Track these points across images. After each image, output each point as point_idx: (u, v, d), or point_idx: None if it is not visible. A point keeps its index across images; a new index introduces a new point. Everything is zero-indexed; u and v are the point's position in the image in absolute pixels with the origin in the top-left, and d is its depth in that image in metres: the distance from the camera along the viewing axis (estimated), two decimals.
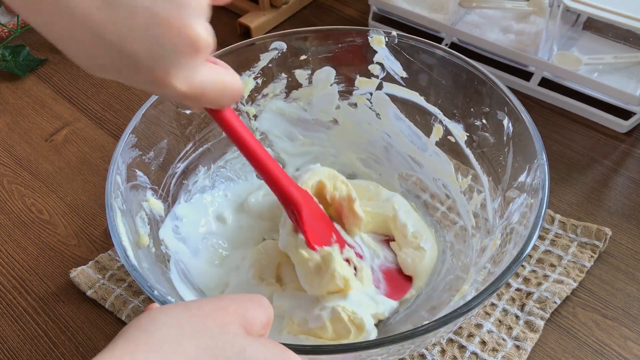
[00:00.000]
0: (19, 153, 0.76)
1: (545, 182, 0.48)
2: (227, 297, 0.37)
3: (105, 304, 0.60)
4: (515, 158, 0.54)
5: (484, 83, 0.57)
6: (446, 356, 0.54)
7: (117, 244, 0.47)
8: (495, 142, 0.57)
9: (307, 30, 0.63)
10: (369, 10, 0.90)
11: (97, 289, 0.61)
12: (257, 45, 0.62)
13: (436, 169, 0.63)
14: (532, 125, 0.52)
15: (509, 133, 0.55)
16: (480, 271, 0.52)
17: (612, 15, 0.68)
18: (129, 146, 0.54)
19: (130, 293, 0.60)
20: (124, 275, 0.62)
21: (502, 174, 0.56)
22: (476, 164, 0.60)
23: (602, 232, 0.62)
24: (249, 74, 0.63)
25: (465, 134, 0.60)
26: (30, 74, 0.87)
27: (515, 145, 0.54)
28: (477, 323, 0.56)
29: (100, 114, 0.81)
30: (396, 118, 0.64)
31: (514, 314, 0.57)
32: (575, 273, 0.59)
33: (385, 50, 0.62)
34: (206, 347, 0.33)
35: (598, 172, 0.70)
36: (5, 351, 0.58)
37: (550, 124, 0.75)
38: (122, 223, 0.50)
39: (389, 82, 0.64)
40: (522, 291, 0.58)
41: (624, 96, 0.72)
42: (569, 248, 0.61)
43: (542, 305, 0.57)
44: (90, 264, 0.63)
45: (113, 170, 0.51)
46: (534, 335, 0.55)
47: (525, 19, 0.80)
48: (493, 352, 0.54)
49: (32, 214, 0.69)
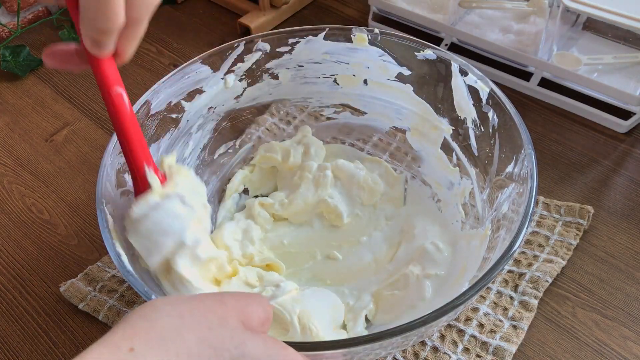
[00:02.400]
0: (19, 153, 0.76)
1: (534, 171, 0.48)
2: (227, 293, 0.37)
3: (99, 316, 0.59)
4: (501, 149, 0.55)
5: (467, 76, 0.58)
6: (446, 341, 0.55)
7: (110, 250, 0.47)
8: (480, 134, 0.58)
9: (292, 30, 0.64)
10: (368, 11, 0.90)
11: (88, 301, 0.60)
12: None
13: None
14: (517, 116, 0.53)
15: (494, 125, 0.56)
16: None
17: (612, 15, 0.68)
18: (118, 151, 0.53)
19: (123, 303, 0.60)
20: (116, 285, 0.61)
21: (489, 165, 0.57)
22: (462, 156, 0.60)
23: (585, 210, 0.63)
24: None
25: (451, 127, 0.61)
26: (31, 74, 0.87)
27: (501, 137, 0.55)
28: (473, 307, 0.57)
29: (100, 114, 0.81)
30: None
31: (509, 295, 0.58)
32: (563, 252, 0.61)
33: (371, 47, 0.62)
34: (206, 339, 0.33)
35: (598, 172, 0.70)
36: (5, 351, 0.58)
37: (550, 124, 0.75)
38: (115, 229, 0.49)
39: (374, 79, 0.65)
40: (514, 273, 0.60)
41: (623, 96, 0.72)
42: (555, 228, 0.63)
43: (534, 285, 0.58)
44: (80, 276, 0.62)
45: (102, 177, 0.51)
46: (529, 314, 0.56)
47: (525, 19, 0.80)
48: (491, 334, 0.55)
49: (32, 214, 0.69)
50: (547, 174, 0.69)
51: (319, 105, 0.69)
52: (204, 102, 0.63)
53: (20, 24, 0.92)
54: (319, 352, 0.41)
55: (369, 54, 0.63)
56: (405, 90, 0.63)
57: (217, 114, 0.65)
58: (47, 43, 0.90)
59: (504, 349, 0.54)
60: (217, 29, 0.93)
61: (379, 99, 0.66)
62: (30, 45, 0.89)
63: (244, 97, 0.66)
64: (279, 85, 0.66)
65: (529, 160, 0.49)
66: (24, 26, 0.93)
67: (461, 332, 0.56)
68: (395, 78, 0.63)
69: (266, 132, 0.70)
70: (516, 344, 0.54)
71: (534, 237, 0.62)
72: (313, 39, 0.63)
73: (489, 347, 0.54)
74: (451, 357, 0.54)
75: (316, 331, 0.49)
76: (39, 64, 0.87)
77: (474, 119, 0.58)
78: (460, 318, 0.57)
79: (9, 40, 0.90)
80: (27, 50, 0.88)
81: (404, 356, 0.55)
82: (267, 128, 0.70)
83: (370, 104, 0.67)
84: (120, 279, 0.61)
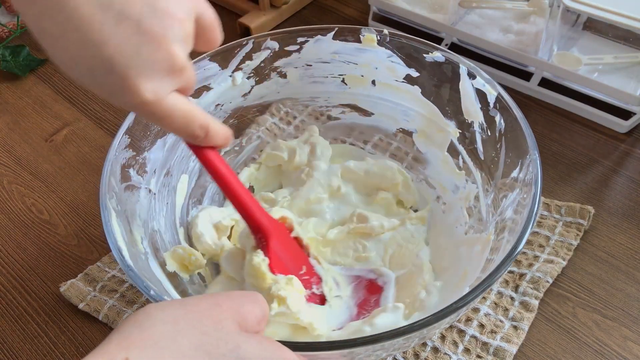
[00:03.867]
0: (19, 153, 0.76)
1: (538, 177, 0.48)
2: (221, 294, 0.37)
3: (99, 316, 0.59)
4: (507, 154, 0.55)
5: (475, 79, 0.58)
6: (446, 341, 0.55)
7: (112, 244, 0.47)
8: (487, 138, 0.57)
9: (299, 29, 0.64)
10: (369, 10, 0.90)
11: (88, 301, 0.60)
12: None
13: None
14: (524, 120, 0.52)
15: (500, 129, 0.55)
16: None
17: (612, 15, 0.68)
18: (123, 147, 0.54)
19: (123, 303, 0.60)
20: (116, 285, 0.61)
21: (494, 169, 0.57)
22: (469, 159, 0.60)
23: (586, 211, 0.63)
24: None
25: (458, 130, 0.61)
26: (31, 74, 0.87)
27: (507, 142, 0.55)
28: (474, 307, 0.57)
29: (100, 114, 0.81)
30: None
31: (509, 296, 0.58)
32: (564, 252, 0.61)
33: (379, 48, 0.62)
34: (200, 344, 0.33)
35: (598, 172, 0.70)
36: (5, 351, 0.58)
37: (550, 124, 0.75)
38: (117, 224, 0.50)
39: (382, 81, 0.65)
40: (514, 273, 0.60)
41: (624, 96, 0.72)
42: (555, 228, 0.63)
43: (535, 286, 0.58)
44: (80, 276, 0.62)
45: (107, 171, 0.51)
46: (529, 314, 0.56)
47: (525, 19, 0.80)
48: (492, 334, 0.55)
49: (32, 214, 0.69)
50: (547, 174, 0.69)
51: (326, 105, 0.69)
52: (211, 99, 0.63)
53: (20, 23, 0.92)
54: (316, 353, 0.41)
55: (377, 55, 0.63)
56: (413, 92, 0.63)
57: (224, 111, 0.65)
58: None
59: (505, 350, 0.54)
60: None
61: (386, 100, 0.66)
62: (30, 45, 0.89)
63: (252, 95, 0.66)
64: (286, 84, 0.66)
65: (534, 165, 0.49)
66: (24, 26, 0.93)
67: (462, 333, 0.56)
68: (403, 79, 0.63)
69: (266, 132, 0.70)
70: (517, 344, 0.54)
71: (535, 238, 0.62)
72: (322, 38, 0.63)
73: (489, 347, 0.54)
74: (452, 358, 0.54)
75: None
76: (38, 64, 0.87)
77: (481, 123, 0.58)
78: (460, 318, 0.57)
79: (9, 40, 0.90)
80: (26, 50, 0.87)
81: (404, 356, 0.55)
82: (268, 128, 0.70)
83: (377, 105, 0.67)
84: (121, 279, 0.61)
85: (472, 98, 0.58)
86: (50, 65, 0.87)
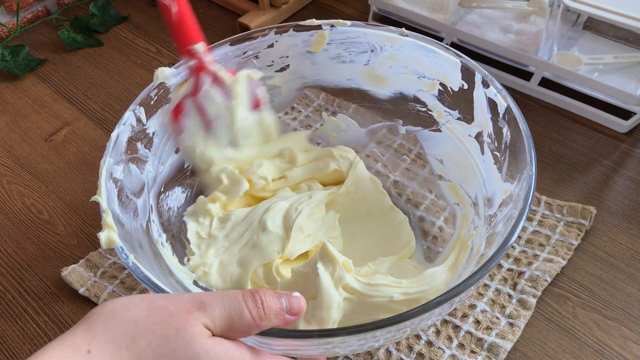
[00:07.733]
0: (19, 153, 0.76)
1: (530, 194, 0.47)
2: (208, 295, 0.38)
3: (99, 302, 0.60)
4: (509, 167, 0.54)
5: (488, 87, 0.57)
6: (441, 336, 0.55)
7: (118, 251, 0.47)
8: (494, 148, 0.57)
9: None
10: (369, 10, 0.90)
11: (89, 286, 0.61)
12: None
13: None
14: (528, 135, 0.51)
15: (506, 142, 0.54)
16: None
17: (612, 15, 0.68)
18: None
19: (123, 289, 0.61)
20: (116, 272, 0.62)
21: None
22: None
23: (588, 211, 0.63)
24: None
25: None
26: (30, 74, 0.87)
27: (510, 155, 0.54)
28: (470, 304, 0.58)
29: (100, 113, 0.81)
30: None
31: (507, 293, 0.58)
32: (564, 251, 0.61)
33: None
34: (156, 347, 0.35)
35: (598, 172, 0.70)
36: (5, 351, 0.58)
37: (550, 123, 0.75)
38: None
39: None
40: (513, 271, 0.60)
41: (624, 96, 0.72)
42: (557, 228, 0.63)
43: (533, 284, 0.58)
44: (81, 262, 0.63)
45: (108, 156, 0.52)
46: (526, 312, 0.57)
47: (526, 19, 0.80)
48: (487, 330, 0.55)
49: (31, 214, 0.69)
50: (547, 174, 0.69)
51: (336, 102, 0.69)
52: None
53: (19, 23, 0.92)
54: (302, 340, 0.41)
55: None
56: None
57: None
58: (46, 43, 0.90)
59: (499, 346, 0.54)
60: (217, 29, 0.93)
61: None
62: (29, 45, 0.89)
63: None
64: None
65: (528, 181, 0.48)
66: (23, 26, 0.93)
67: (457, 328, 0.56)
68: None
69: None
70: (512, 341, 0.55)
71: (535, 236, 0.62)
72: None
73: (484, 343, 0.54)
74: (445, 352, 0.54)
75: None
76: (38, 64, 0.87)
77: (489, 133, 0.57)
78: (457, 314, 0.57)
79: (9, 40, 0.90)
80: (26, 50, 0.87)
81: (398, 349, 0.55)
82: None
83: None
84: (121, 266, 0.62)
85: (484, 107, 0.57)
86: (49, 65, 0.87)
